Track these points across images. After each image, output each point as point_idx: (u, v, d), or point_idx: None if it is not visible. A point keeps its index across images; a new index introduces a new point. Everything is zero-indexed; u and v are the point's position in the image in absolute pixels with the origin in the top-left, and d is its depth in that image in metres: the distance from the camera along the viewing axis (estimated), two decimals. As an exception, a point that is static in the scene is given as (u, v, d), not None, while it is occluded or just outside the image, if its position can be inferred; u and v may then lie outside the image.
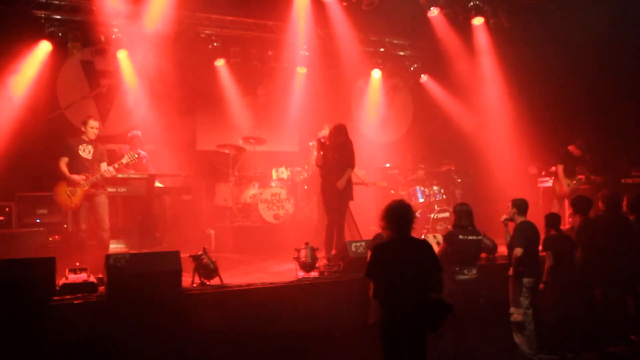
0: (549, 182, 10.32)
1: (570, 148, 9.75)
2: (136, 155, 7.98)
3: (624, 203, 7.27)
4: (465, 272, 6.23)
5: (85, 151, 7.65)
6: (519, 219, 6.65)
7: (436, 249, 6.59)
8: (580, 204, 7.09)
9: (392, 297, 4.71)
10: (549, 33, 10.61)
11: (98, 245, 7.53)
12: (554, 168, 10.01)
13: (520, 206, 6.69)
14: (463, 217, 6.42)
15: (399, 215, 4.84)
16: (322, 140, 8.10)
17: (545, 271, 6.55)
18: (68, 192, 7.46)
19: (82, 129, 7.78)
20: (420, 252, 4.87)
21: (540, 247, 6.68)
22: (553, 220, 6.81)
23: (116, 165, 7.66)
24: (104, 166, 7.75)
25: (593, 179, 9.68)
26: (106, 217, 7.65)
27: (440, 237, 6.80)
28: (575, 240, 6.82)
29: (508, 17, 10.49)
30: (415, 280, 4.71)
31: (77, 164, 7.56)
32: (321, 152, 7.99)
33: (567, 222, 9.19)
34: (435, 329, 4.70)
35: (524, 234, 6.52)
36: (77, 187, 7.44)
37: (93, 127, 7.74)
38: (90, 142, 7.73)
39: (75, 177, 7.45)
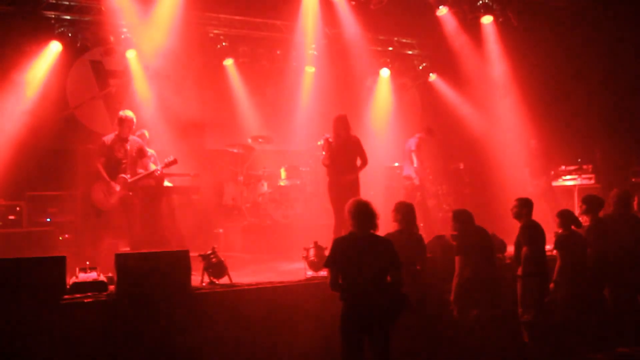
0: (557, 182, 10.40)
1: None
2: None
3: (635, 202, 7.23)
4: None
5: (121, 151, 7.36)
6: (525, 219, 6.62)
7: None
8: (590, 203, 7.03)
9: (349, 289, 4.90)
10: (557, 31, 10.56)
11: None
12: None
13: (527, 205, 6.66)
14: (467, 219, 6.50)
15: (358, 211, 5.08)
16: (330, 139, 8.09)
17: (556, 270, 6.53)
18: (105, 191, 7.28)
19: (117, 126, 7.40)
20: (380, 249, 5.03)
21: (551, 246, 6.65)
22: (565, 218, 6.74)
23: (159, 168, 7.60)
24: (150, 165, 7.61)
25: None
26: (137, 219, 7.50)
27: (450, 238, 6.80)
28: (585, 239, 6.79)
29: (517, 15, 10.46)
30: (372, 275, 4.90)
31: (113, 165, 7.31)
32: (328, 152, 7.98)
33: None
34: (391, 322, 4.91)
35: (530, 232, 6.49)
36: (114, 189, 7.27)
37: (129, 124, 7.38)
38: (125, 140, 7.40)
39: (114, 187, 7.23)
